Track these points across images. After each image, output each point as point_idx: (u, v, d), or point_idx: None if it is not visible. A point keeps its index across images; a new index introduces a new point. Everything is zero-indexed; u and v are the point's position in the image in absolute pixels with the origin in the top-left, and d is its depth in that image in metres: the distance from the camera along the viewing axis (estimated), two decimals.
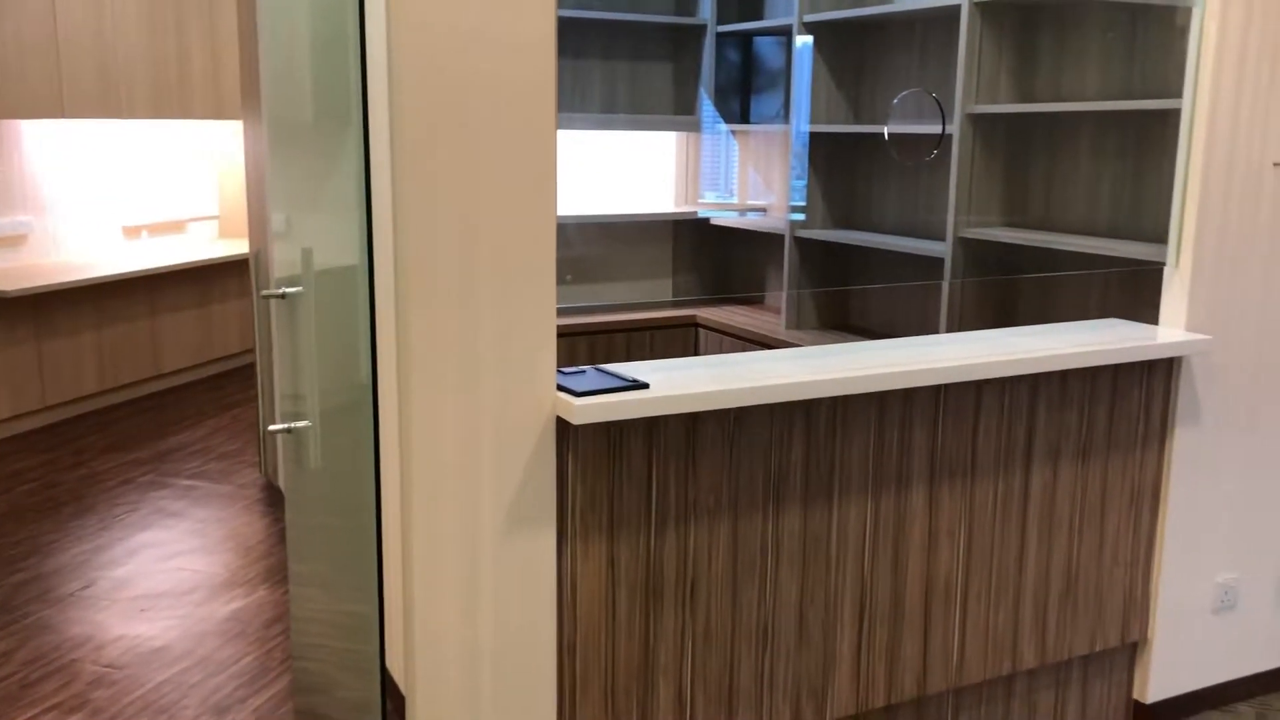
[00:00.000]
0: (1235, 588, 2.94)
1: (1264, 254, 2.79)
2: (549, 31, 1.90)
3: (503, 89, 1.88)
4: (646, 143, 4.72)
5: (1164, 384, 2.74)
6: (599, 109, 4.44)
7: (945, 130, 3.51)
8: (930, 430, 2.44)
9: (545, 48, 1.90)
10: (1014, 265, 3.61)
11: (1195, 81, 2.64)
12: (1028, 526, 2.61)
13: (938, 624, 2.53)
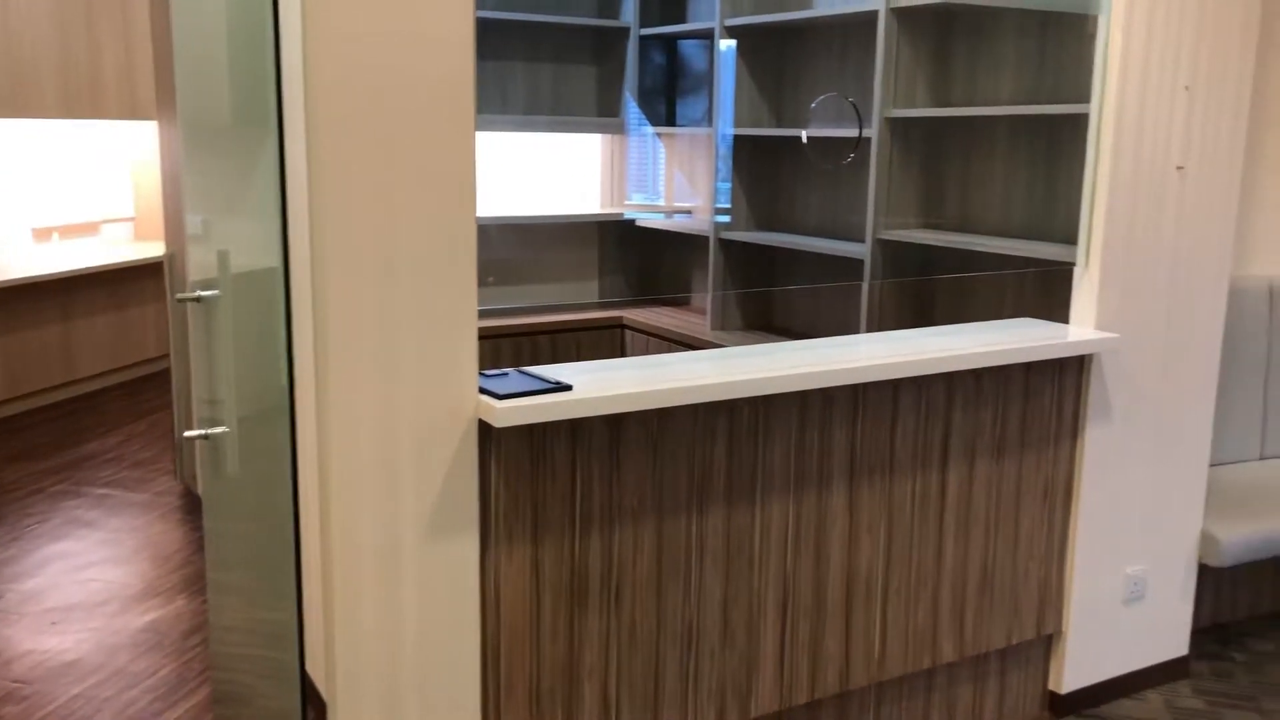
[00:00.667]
0: (1144, 579, 3.03)
1: (1168, 254, 2.88)
2: (467, 31, 1.89)
3: (421, 89, 1.87)
4: (571, 145, 4.71)
5: (1075, 381, 2.81)
6: (522, 111, 4.43)
7: (862, 134, 3.56)
8: (850, 429, 2.47)
9: (463, 47, 1.89)
10: (931, 266, 3.68)
11: (1102, 87, 2.72)
12: (945, 523, 2.66)
13: (859, 620, 2.57)
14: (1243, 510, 3.19)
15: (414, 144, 1.87)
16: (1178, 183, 2.85)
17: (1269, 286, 3.59)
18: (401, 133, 1.86)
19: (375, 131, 1.84)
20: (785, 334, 4.22)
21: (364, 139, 1.83)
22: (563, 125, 4.46)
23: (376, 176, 1.85)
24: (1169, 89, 2.77)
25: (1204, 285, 2.96)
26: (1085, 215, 2.79)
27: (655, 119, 4.68)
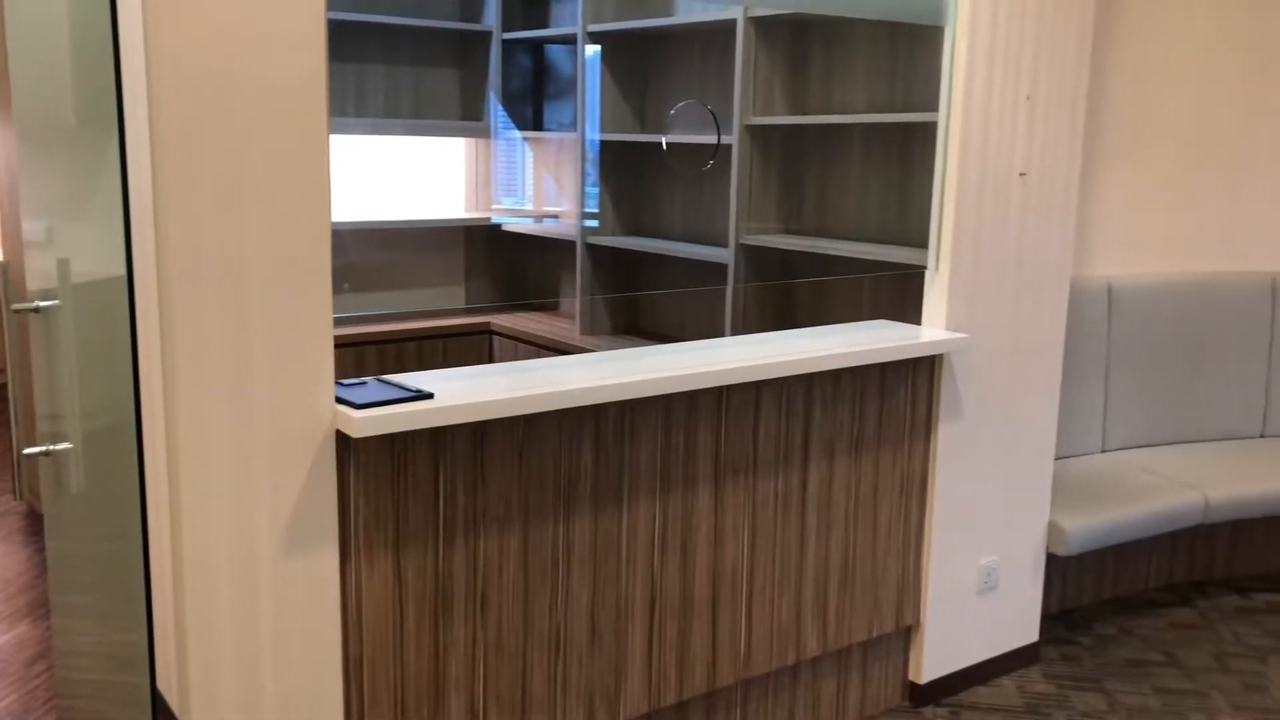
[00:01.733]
0: (996, 569, 3.15)
1: (1013, 257, 3.00)
2: (318, 32, 1.85)
3: (270, 91, 1.82)
4: (434, 148, 4.66)
5: (928, 380, 2.91)
6: (383, 114, 4.36)
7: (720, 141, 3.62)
8: (714, 431, 2.51)
9: (315, 48, 1.85)
10: (792, 270, 3.76)
11: (949, 97, 2.82)
12: (807, 520, 2.72)
13: (725, 619, 2.61)
14: (1087, 501, 3.35)
15: (264, 148, 1.82)
16: (1021, 188, 2.98)
17: (1108, 286, 3.78)
18: (251, 136, 1.81)
19: (222, 134, 1.78)
20: (653, 338, 4.25)
21: (210, 142, 1.77)
22: (424, 129, 4.41)
23: (224, 181, 1.80)
24: (1011, 98, 2.89)
25: (1047, 286, 3.10)
26: (935, 220, 2.90)
27: (522, 123, 4.66)
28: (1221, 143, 3.91)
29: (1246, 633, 3.53)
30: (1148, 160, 3.82)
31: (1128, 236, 3.85)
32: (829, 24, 3.57)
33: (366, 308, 4.42)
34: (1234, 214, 3.98)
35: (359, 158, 4.43)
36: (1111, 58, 3.68)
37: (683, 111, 3.88)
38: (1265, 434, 4.08)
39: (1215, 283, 3.94)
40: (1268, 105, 3.93)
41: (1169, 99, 3.81)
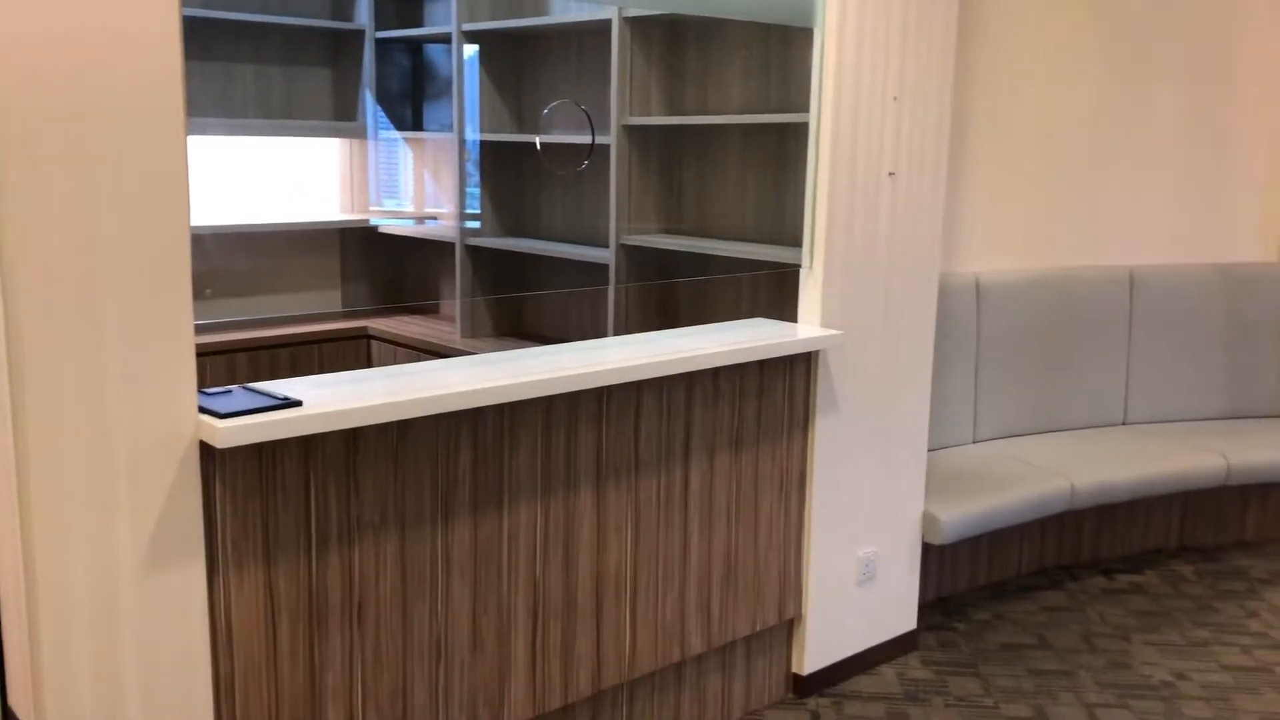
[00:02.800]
0: (875, 560, 3.22)
1: (885, 255, 3.07)
2: (172, 31, 1.79)
3: (122, 92, 1.74)
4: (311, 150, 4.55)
5: (804, 377, 2.95)
6: (253, 114, 4.23)
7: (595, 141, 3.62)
8: (595, 432, 2.50)
9: (168, 48, 1.78)
10: (673, 270, 3.78)
11: (819, 98, 2.87)
12: (689, 518, 2.74)
13: (610, 620, 2.60)
14: (959, 491, 3.45)
15: (116, 151, 1.75)
16: (890, 187, 3.04)
17: (975, 282, 3.90)
18: (102, 139, 1.73)
19: (71, 138, 1.70)
20: (536, 339, 4.23)
21: (58, 146, 1.69)
22: (293, 129, 4.30)
23: (73, 185, 1.72)
24: (879, 99, 2.96)
25: (917, 282, 3.18)
26: (808, 220, 2.94)
27: (401, 123, 4.59)
28: (1078, 142, 4.07)
29: (1111, 613, 3.68)
30: (1011, 159, 3.95)
31: (994, 233, 3.97)
32: (704, 25, 3.60)
33: (236, 314, 4.29)
34: (1092, 210, 4.15)
35: (230, 160, 4.30)
36: (974, 60, 3.80)
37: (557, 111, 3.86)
38: (1126, 421, 4.26)
39: (1076, 277, 4.10)
40: (1120, 106, 4.11)
41: (1029, 100, 3.95)
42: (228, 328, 4.11)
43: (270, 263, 4.38)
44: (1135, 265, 4.23)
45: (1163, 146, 4.19)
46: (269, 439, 1.91)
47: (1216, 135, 4.24)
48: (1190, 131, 4.21)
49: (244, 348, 4.00)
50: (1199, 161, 4.24)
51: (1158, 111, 4.16)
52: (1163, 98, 4.15)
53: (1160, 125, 4.17)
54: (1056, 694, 3.13)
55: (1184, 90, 4.17)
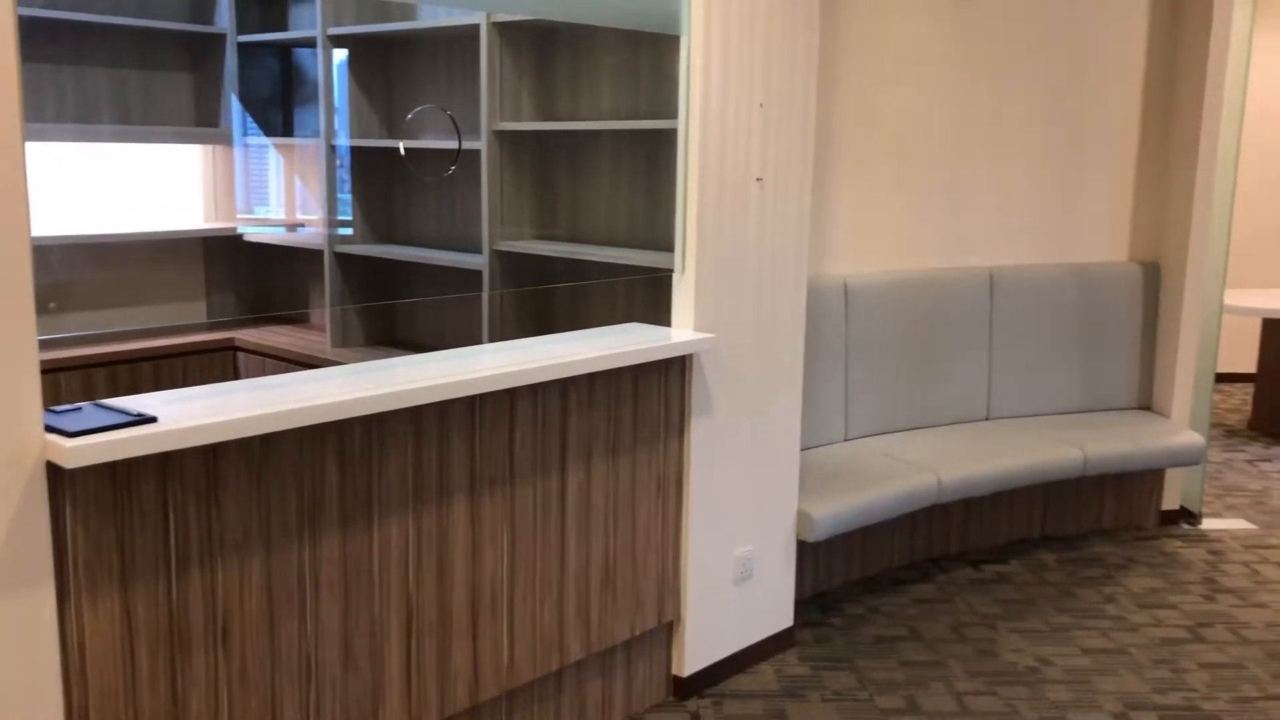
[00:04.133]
0: (751, 559, 3.26)
1: (754, 259, 3.12)
2: (6, 27, 1.70)
3: None
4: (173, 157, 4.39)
5: (679, 380, 2.98)
6: (107, 120, 4.07)
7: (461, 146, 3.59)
8: (468, 441, 2.47)
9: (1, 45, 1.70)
10: (548, 275, 3.77)
11: (687, 104, 2.90)
12: (567, 525, 2.73)
13: (486, 631, 2.58)
14: (832, 488, 3.52)
15: None
16: (758, 193, 3.09)
17: (843, 284, 3.99)
18: None
19: None
20: (410, 348, 4.17)
21: None
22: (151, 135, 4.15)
23: None
24: (745, 106, 3.00)
25: (786, 285, 3.24)
26: (679, 225, 2.97)
27: (270, 129, 4.47)
28: (940, 148, 4.20)
29: (979, 602, 3.80)
30: (876, 165, 4.05)
31: (860, 237, 4.07)
32: (574, 31, 3.60)
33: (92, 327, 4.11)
34: (954, 214, 4.29)
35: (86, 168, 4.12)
36: (839, 69, 3.89)
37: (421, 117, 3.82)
38: (990, 417, 4.41)
39: (940, 278, 4.23)
40: (979, 113, 4.25)
41: (892, 108, 4.06)
42: (84, 342, 3.94)
43: (129, 274, 4.22)
44: (995, 266, 4.38)
45: (1020, 152, 4.35)
46: (121, 457, 1.84)
47: (1071, 141, 4.42)
48: (1046, 138, 4.38)
49: (102, 362, 3.85)
50: (1055, 166, 4.42)
51: (1016, 118, 4.32)
52: (1020, 105, 4.31)
53: (1018, 132, 4.33)
54: (928, 684, 3.22)
55: (1040, 98, 4.34)
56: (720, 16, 2.88)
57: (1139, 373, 4.60)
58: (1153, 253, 4.59)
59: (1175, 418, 4.51)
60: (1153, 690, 3.20)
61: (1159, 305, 4.57)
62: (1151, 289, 4.57)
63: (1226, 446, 5.84)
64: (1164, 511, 4.60)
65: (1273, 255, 7.28)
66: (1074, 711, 3.07)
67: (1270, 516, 4.73)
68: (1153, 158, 4.53)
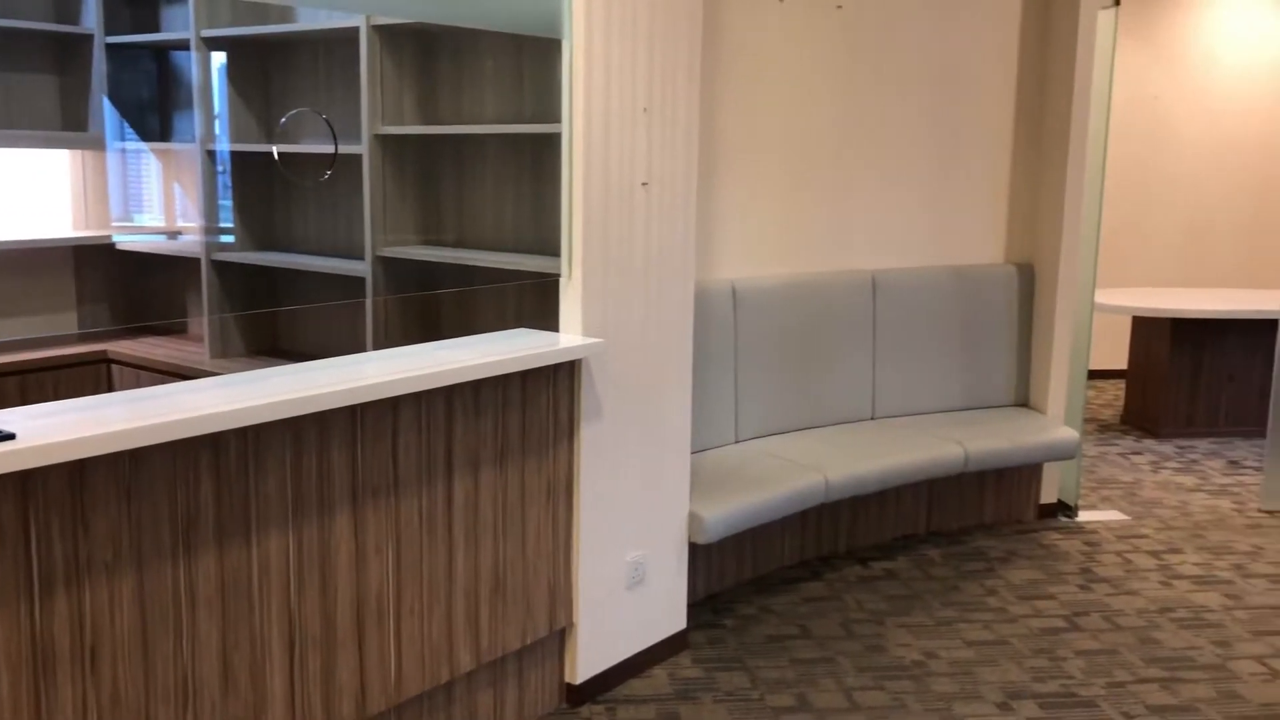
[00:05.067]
0: (643, 563, 3.27)
1: (642, 263, 3.13)
2: None
3: None
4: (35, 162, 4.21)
5: (568, 385, 2.97)
6: None
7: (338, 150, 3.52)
8: (349, 452, 2.42)
9: None
10: (434, 281, 3.72)
11: (570, 108, 2.89)
12: (454, 534, 2.69)
13: (373, 644, 2.53)
14: (723, 490, 3.55)
15: None
16: (644, 197, 3.10)
17: (732, 287, 4.02)
18: None
19: None
20: (292, 357, 4.07)
21: None
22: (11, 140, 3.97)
23: None
24: (629, 111, 3.01)
25: (674, 289, 3.25)
26: (565, 229, 2.96)
27: (148, 134, 4.32)
28: (824, 153, 4.28)
29: (867, 599, 3.87)
30: (762, 170, 4.10)
31: (748, 240, 4.12)
32: (457, 35, 3.57)
33: None
34: (838, 217, 4.36)
35: None
36: (724, 73, 3.93)
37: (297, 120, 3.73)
38: (875, 416, 4.50)
39: (825, 281, 4.30)
40: (861, 118, 4.34)
41: (777, 113, 4.11)
42: None
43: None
44: (878, 269, 4.48)
45: (901, 157, 4.45)
46: None
47: (949, 147, 4.54)
48: (926, 143, 4.49)
49: None
50: (934, 171, 4.54)
51: (897, 124, 4.42)
52: (901, 112, 4.41)
53: (899, 137, 4.43)
54: (818, 681, 3.26)
55: (920, 105, 4.45)
56: (602, 21, 2.88)
57: (1016, 371, 4.75)
58: (1027, 255, 4.74)
59: (1051, 414, 4.67)
60: (1032, 679, 3.30)
61: (1034, 305, 4.73)
62: (1026, 290, 4.72)
63: (1100, 441, 6.07)
64: (1042, 505, 4.75)
65: (1141, 256, 7.60)
66: (959, 703, 3.15)
67: (1141, 507, 4.93)
68: (1026, 163, 4.69)
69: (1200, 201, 7.59)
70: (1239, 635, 3.62)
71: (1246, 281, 7.67)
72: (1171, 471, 5.49)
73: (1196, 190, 7.57)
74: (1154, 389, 6.17)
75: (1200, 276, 7.66)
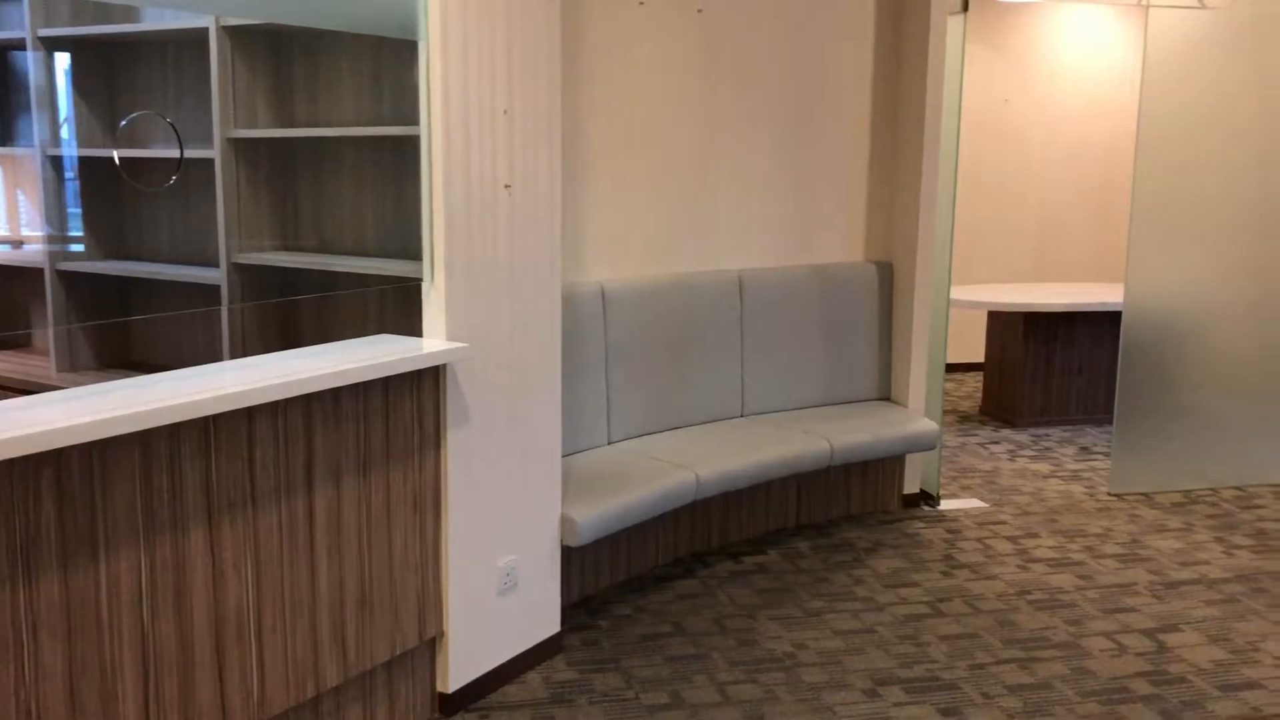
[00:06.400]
0: (515, 569, 3.25)
1: (505, 266, 3.11)
2: None
3: None
4: None
5: (433, 392, 2.93)
6: None
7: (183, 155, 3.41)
8: (203, 465, 2.34)
9: None
10: (294, 288, 3.63)
11: (428, 110, 2.86)
12: (317, 547, 2.63)
13: (233, 664, 2.45)
14: (595, 492, 3.55)
15: None
16: (507, 200, 3.08)
17: (601, 289, 4.03)
18: None
19: None
20: (145, 369, 3.91)
21: None
22: None
23: None
24: (489, 113, 2.99)
25: (540, 292, 3.24)
26: (427, 233, 2.92)
27: None
28: (688, 154, 4.32)
29: (739, 594, 3.92)
30: (628, 172, 4.12)
31: (615, 243, 4.13)
32: (312, 36, 3.49)
33: None
34: (704, 218, 4.42)
35: None
36: (586, 76, 3.93)
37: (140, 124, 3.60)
38: (745, 414, 4.57)
39: (692, 281, 4.35)
40: (723, 120, 4.40)
41: (641, 116, 4.14)
42: None
43: None
44: (744, 269, 4.54)
45: (764, 159, 4.53)
46: None
47: (809, 149, 4.64)
48: (787, 146, 4.58)
49: None
50: (796, 173, 4.62)
51: (759, 127, 4.49)
52: (763, 115, 4.49)
53: (761, 140, 4.51)
54: (691, 677, 3.29)
55: (781, 108, 4.53)
56: (459, 23, 2.85)
57: (878, 366, 4.88)
58: (886, 253, 4.88)
59: (912, 407, 4.81)
60: (898, 665, 3.39)
61: (893, 302, 4.87)
62: (886, 287, 4.85)
63: (961, 431, 6.28)
64: (906, 495, 4.90)
65: (996, 253, 7.90)
66: (827, 692, 3.22)
67: (1000, 495, 5.12)
68: (882, 165, 4.82)
69: (1050, 200, 7.93)
70: (1090, 614, 3.79)
71: (1094, 276, 8.05)
72: (1028, 459, 5.72)
73: (1046, 190, 7.91)
74: (1009, 380, 6.42)
75: (1052, 272, 8.00)
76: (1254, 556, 4.36)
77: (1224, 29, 4.96)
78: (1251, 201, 5.11)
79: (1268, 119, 5.06)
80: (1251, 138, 5.06)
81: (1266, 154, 5.09)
